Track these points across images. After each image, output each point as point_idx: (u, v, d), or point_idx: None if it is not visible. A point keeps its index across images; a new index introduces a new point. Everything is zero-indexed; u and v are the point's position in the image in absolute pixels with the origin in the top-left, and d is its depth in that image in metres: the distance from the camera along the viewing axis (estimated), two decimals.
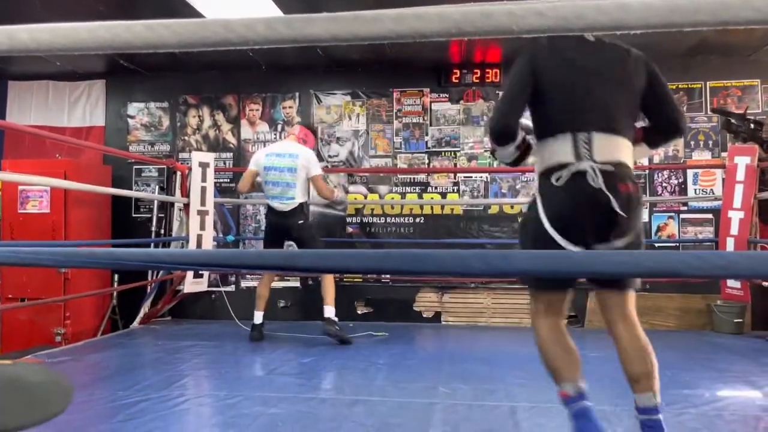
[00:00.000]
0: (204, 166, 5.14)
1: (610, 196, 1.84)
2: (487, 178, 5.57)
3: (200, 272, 5.16)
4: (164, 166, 5.75)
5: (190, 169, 5.12)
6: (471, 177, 5.60)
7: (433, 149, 5.67)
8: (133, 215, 5.87)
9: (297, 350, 4.15)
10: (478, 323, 5.38)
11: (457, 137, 5.65)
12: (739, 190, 4.66)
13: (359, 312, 5.51)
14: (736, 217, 4.68)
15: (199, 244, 5.04)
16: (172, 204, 5.45)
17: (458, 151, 5.64)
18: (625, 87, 1.99)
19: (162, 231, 5.61)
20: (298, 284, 5.64)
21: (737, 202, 4.67)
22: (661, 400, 1.90)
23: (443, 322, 5.44)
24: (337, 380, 3.36)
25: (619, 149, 1.94)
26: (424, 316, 5.49)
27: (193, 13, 4.20)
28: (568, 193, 1.90)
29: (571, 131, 1.93)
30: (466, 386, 3.17)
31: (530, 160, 2.13)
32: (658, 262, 0.87)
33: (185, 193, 5.14)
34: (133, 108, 6.03)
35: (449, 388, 3.10)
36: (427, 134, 5.69)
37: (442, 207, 5.58)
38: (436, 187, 5.65)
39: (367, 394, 2.99)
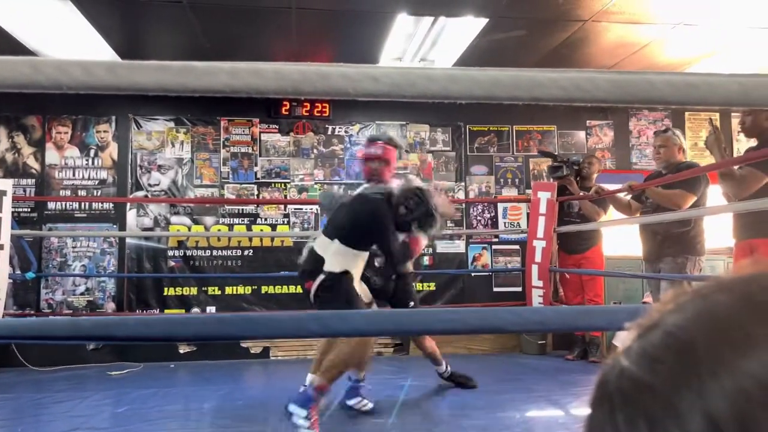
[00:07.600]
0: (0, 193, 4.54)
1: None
2: (317, 210, 5.60)
3: None
4: None
5: None
6: (301, 209, 5.60)
7: (263, 180, 5.58)
8: None
9: (110, 398, 3.79)
10: (308, 356, 5.33)
11: (288, 169, 5.62)
12: (541, 221, 5.20)
13: (182, 351, 5.18)
14: (539, 246, 5.21)
15: None
16: None
17: (288, 182, 5.62)
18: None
19: None
20: None
21: (540, 232, 5.21)
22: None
23: (272, 357, 5.31)
24: (157, 431, 3.11)
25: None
26: (252, 352, 5.32)
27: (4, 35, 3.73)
28: None
29: None
30: None
31: None
32: (483, 319, 0.93)
33: None
34: None
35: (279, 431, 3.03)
36: (256, 165, 5.59)
37: (272, 239, 5.49)
38: (266, 219, 5.55)
39: None
